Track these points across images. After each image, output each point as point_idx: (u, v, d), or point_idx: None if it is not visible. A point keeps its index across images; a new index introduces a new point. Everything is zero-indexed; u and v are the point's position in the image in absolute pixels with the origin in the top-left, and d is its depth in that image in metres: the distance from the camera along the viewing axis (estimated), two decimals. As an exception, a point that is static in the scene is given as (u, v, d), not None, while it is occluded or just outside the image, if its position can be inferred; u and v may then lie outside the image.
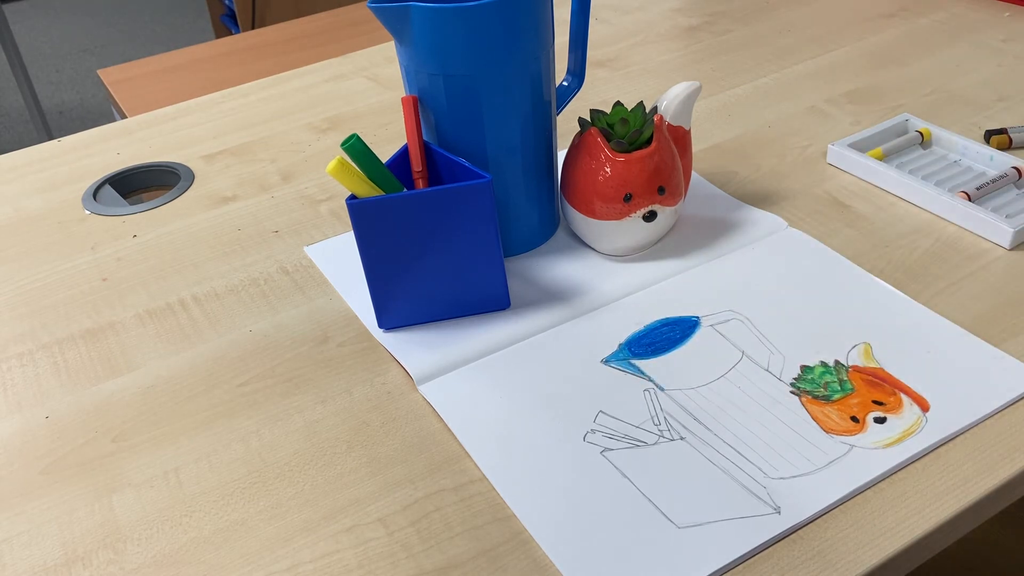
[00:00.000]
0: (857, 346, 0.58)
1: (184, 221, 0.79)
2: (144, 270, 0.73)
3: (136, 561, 0.49)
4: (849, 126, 0.84)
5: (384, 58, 1.09)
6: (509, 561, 0.47)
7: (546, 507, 0.49)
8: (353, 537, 0.49)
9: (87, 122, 2.82)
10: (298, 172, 0.85)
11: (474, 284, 0.62)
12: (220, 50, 1.50)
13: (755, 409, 0.54)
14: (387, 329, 0.63)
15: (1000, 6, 1.06)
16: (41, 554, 0.50)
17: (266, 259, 0.73)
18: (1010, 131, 0.78)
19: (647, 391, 0.56)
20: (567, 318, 0.63)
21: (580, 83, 0.70)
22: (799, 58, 0.98)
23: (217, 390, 0.60)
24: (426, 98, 0.63)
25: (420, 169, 0.62)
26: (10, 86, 3.08)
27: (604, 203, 0.64)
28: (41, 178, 0.89)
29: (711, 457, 0.51)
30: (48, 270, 0.74)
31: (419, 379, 0.58)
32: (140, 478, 0.54)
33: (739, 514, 0.48)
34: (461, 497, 0.51)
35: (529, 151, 0.65)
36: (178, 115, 0.99)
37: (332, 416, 0.57)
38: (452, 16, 0.58)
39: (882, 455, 0.50)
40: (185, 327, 0.66)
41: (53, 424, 0.59)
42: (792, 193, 0.75)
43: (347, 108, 0.97)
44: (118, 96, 1.36)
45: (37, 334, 0.67)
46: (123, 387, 0.61)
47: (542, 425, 0.54)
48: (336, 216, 0.78)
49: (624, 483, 0.50)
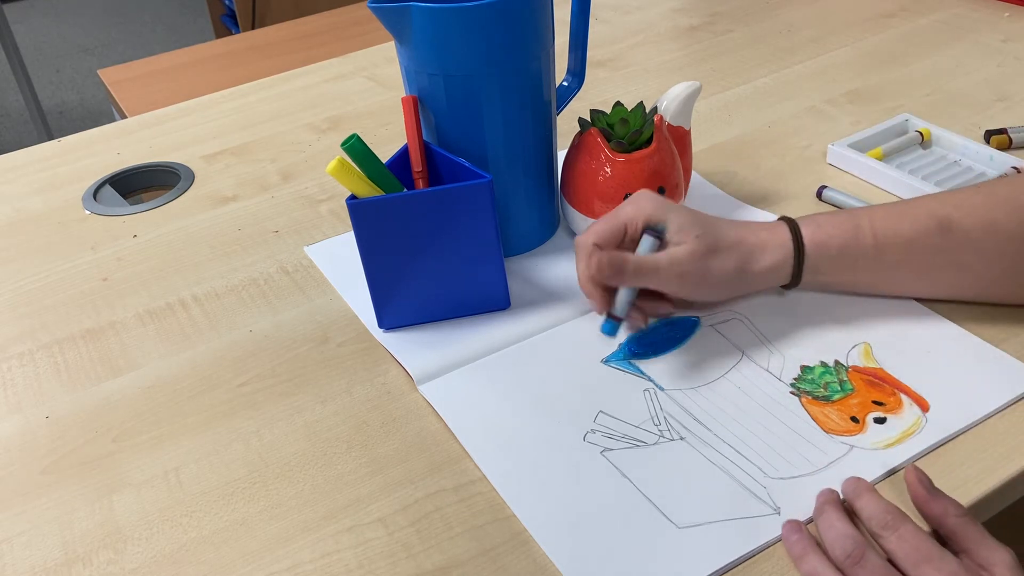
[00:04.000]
0: (857, 346, 0.58)
1: (184, 221, 0.79)
2: (144, 270, 0.73)
3: (136, 561, 0.49)
4: (849, 126, 0.84)
5: (384, 58, 1.09)
6: (509, 561, 0.47)
7: (546, 507, 0.49)
8: (353, 537, 0.49)
9: (87, 122, 2.82)
10: (298, 172, 0.85)
11: (474, 284, 0.62)
12: (220, 50, 1.50)
13: (755, 409, 0.54)
14: (387, 329, 0.63)
15: (1000, 6, 1.06)
16: (41, 554, 0.50)
17: (266, 259, 0.73)
18: (1010, 131, 0.78)
19: (647, 391, 0.56)
20: (567, 318, 0.63)
21: (580, 83, 0.70)
22: (799, 58, 0.98)
23: (217, 390, 0.60)
24: (426, 98, 0.63)
25: (420, 169, 0.62)
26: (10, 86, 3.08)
27: (604, 203, 0.64)
28: (41, 178, 0.89)
29: (711, 457, 0.51)
30: (48, 270, 0.74)
31: (419, 379, 0.58)
32: (140, 478, 0.54)
33: (739, 514, 0.48)
34: (461, 497, 0.51)
35: (529, 151, 0.65)
36: (178, 115, 0.99)
37: (332, 416, 0.57)
38: (452, 16, 0.58)
39: (882, 455, 0.50)
40: (185, 327, 0.66)
41: (53, 424, 0.59)
42: (792, 193, 0.75)
43: (347, 108, 0.97)
44: (118, 96, 1.36)
45: (37, 334, 0.67)
46: (123, 387, 0.61)
47: (542, 425, 0.54)
48: (336, 216, 0.78)
49: (624, 483, 0.50)
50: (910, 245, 0.56)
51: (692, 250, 0.55)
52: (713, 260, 0.56)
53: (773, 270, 0.57)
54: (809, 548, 0.45)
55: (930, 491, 0.46)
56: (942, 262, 0.57)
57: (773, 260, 0.57)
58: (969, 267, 0.57)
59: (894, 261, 0.57)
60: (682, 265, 0.55)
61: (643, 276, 0.55)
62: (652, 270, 0.55)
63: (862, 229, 0.57)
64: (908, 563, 0.43)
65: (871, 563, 0.43)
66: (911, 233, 0.56)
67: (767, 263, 0.57)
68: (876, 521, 0.45)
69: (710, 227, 0.56)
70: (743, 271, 0.57)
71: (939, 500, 0.46)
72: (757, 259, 0.57)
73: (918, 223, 0.56)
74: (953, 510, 0.45)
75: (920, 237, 0.56)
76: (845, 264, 0.58)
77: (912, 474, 0.47)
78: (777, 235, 0.57)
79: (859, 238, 0.56)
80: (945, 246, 0.56)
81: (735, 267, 0.56)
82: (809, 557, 0.44)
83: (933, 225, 0.56)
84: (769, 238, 0.57)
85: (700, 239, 0.55)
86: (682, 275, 0.55)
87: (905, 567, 0.43)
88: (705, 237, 0.56)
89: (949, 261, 0.56)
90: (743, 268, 0.57)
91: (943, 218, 0.56)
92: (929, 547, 0.43)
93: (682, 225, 0.56)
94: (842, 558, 0.43)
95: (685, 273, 0.55)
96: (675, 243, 0.56)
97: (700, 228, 0.56)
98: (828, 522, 0.45)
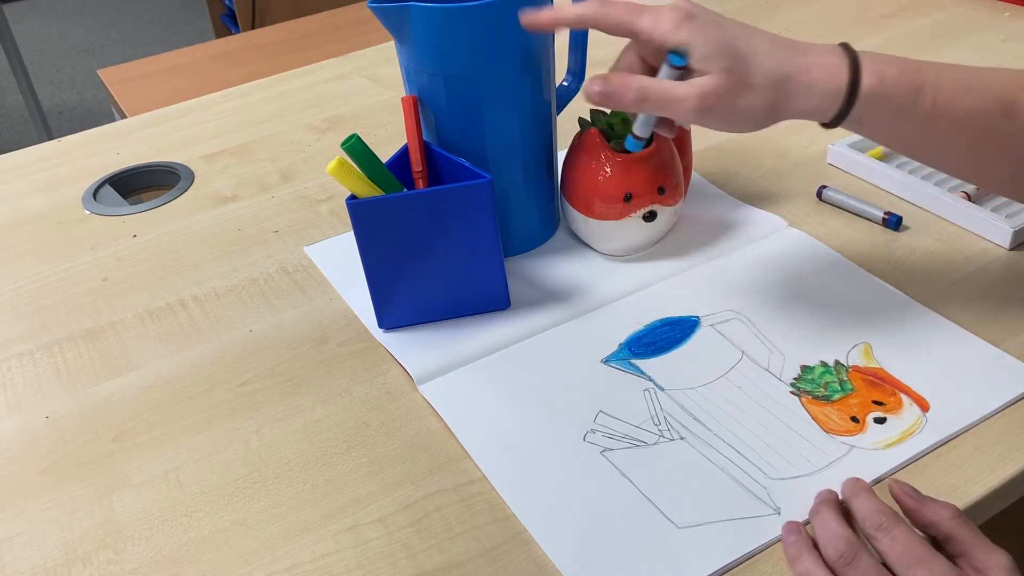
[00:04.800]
0: (857, 346, 0.58)
1: (184, 221, 0.79)
2: (144, 270, 0.73)
3: (136, 561, 0.49)
4: (849, 126, 0.84)
5: (384, 58, 1.09)
6: (509, 561, 0.47)
7: (546, 507, 0.49)
8: (353, 537, 0.49)
9: (87, 122, 2.82)
10: (298, 172, 0.85)
11: (474, 284, 0.62)
12: (220, 50, 1.50)
13: (755, 409, 0.54)
14: (387, 329, 0.63)
15: (1000, 6, 1.06)
16: (41, 554, 0.50)
17: (266, 259, 0.73)
18: (1010, 131, 0.77)
19: (647, 391, 0.56)
20: (567, 318, 0.63)
21: (580, 83, 0.70)
22: (799, 58, 0.98)
23: (217, 390, 0.60)
24: (426, 98, 0.63)
25: (420, 169, 0.62)
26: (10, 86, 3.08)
27: (604, 203, 0.64)
28: (41, 178, 0.89)
29: (711, 457, 0.51)
30: (48, 270, 0.74)
31: (419, 379, 0.58)
32: (140, 478, 0.54)
33: (739, 514, 0.48)
34: (461, 497, 0.51)
35: (529, 151, 0.65)
36: (178, 115, 0.99)
37: (332, 416, 0.57)
38: (452, 16, 0.58)
39: (882, 455, 0.50)
40: (185, 327, 0.66)
41: (53, 424, 0.59)
42: (792, 193, 0.75)
43: (347, 108, 0.97)
44: (118, 96, 1.36)
45: (37, 334, 0.67)
46: (123, 387, 0.61)
47: (542, 425, 0.54)
48: (336, 216, 0.78)
49: (624, 483, 0.50)
50: (967, 123, 0.51)
51: (716, 85, 0.48)
52: (741, 99, 0.49)
53: (814, 112, 0.51)
54: (804, 549, 0.45)
55: (918, 500, 0.46)
56: (996, 148, 0.52)
57: (817, 104, 0.50)
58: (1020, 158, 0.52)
59: (946, 135, 0.51)
60: (703, 99, 0.48)
61: (655, 106, 0.49)
62: (664, 102, 0.49)
63: (924, 93, 0.50)
64: (900, 565, 0.43)
65: (863, 564, 0.43)
66: (972, 109, 0.50)
67: (809, 106, 0.50)
68: (870, 522, 0.45)
69: (742, 57, 0.49)
70: (777, 108, 0.50)
71: (930, 507, 0.45)
72: (797, 100, 0.50)
73: (984, 101, 0.50)
74: (946, 514, 0.44)
75: (980, 117, 0.50)
76: (896, 124, 0.52)
77: (896, 487, 0.47)
78: (830, 74, 0.49)
79: (919, 102, 0.50)
80: (1004, 132, 0.51)
81: (767, 105, 0.50)
82: (803, 558, 0.44)
83: (997, 108, 0.50)
84: (820, 77, 0.49)
85: (728, 72, 0.48)
86: (702, 111, 0.49)
87: (897, 569, 0.43)
88: (734, 70, 0.48)
89: (1004, 148, 0.52)
90: (777, 106, 0.50)
91: (1008, 103, 0.50)
92: (921, 549, 0.43)
93: (708, 54, 0.48)
94: (834, 558, 0.43)
95: (706, 108, 0.49)
96: (699, 72, 0.49)
97: (729, 58, 0.48)
98: (823, 522, 0.45)
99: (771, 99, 0.49)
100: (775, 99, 0.49)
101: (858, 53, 0.50)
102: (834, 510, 0.46)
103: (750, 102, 0.49)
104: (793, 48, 0.50)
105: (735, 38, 0.49)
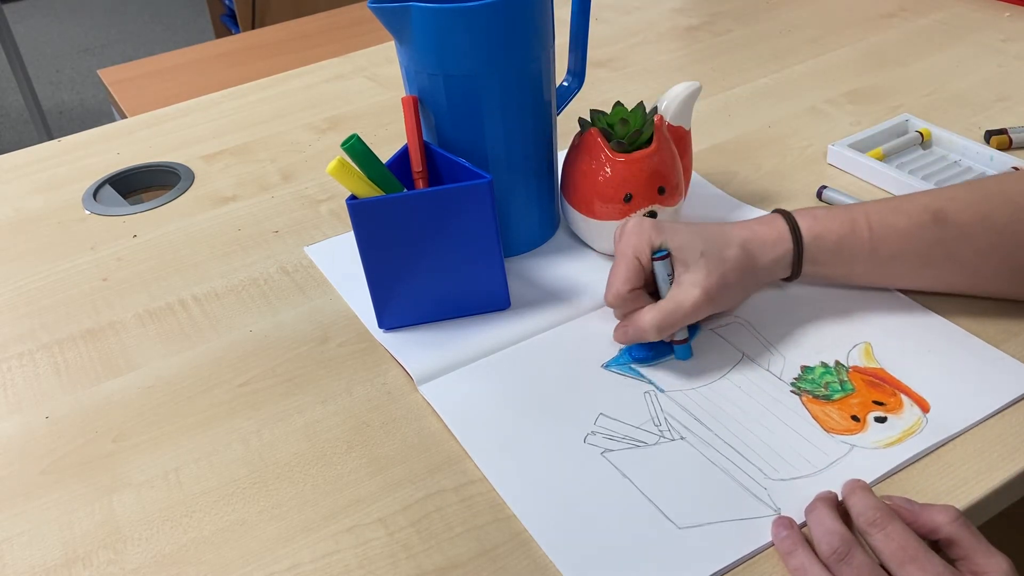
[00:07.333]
0: (857, 346, 0.58)
1: (184, 221, 0.79)
2: (144, 270, 0.73)
3: (136, 561, 0.49)
4: (849, 126, 0.84)
5: (384, 58, 1.09)
6: (509, 561, 0.47)
7: (546, 507, 0.49)
8: (353, 537, 0.49)
9: (87, 122, 2.82)
10: (298, 172, 0.85)
11: (474, 284, 0.62)
12: (220, 50, 1.50)
13: (756, 409, 0.54)
14: (387, 329, 0.63)
15: (1000, 6, 1.06)
16: (41, 554, 0.50)
17: (266, 259, 0.73)
18: (1010, 131, 0.78)
19: (647, 393, 0.56)
20: (567, 318, 0.63)
21: (580, 83, 0.70)
22: (799, 58, 0.98)
23: (217, 390, 0.60)
24: (426, 98, 0.63)
25: (420, 169, 0.62)
26: (10, 86, 3.08)
27: (604, 203, 0.64)
28: (41, 178, 0.89)
29: (711, 457, 0.51)
30: (48, 270, 0.74)
31: (419, 379, 0.58)
32: (140, 478, 0.54)
33: (739, 515, 0.48)
34: (461, 497, 0.51)
35: (529, 151, 0.65)
36: (178, 115, 0.99)
37: (332, 416, 0.57)
38: (452, 16, 0.58)
39: (882, 455, 0.50)
40: (185, 327, 0.66)
41: (53, 424, 0.59)
42: (792, 193, 0.75)
43: (347, 108, 0.97)
44: (118, 96, 1.36)
45: (37, 334, 0.67)
46: (123, 387, 0.61)
47: (542, 425, 0.54)
48: (336, 216, 0.78)
49: (624, 483, 0.50)
50: (905, 238, 0.57)
51: (706, 270, 0.55)
52: (727, 268, 0.56)
53: (776, 263, 0.58)
54: (798, 544, 0.45)
55: (915, 509, 0.45)
56: (937, 255, 0.57)
57: (775, 254, 0.58)
58: (963, 260, 0.57)
59: (890, 254, 0.57)
60: (707, 290, 0.55)
61: (676, 325, 0.55)
62: (681, 316, 0.55)
63: (858, 222, 0.57)
64: (894, 562, 0.43)
65: (857, 561, 0.43)
66: (906, 226, 0.57)
67: (770, 257, 0.58)
68: (864, 519, 0.45)
69: (711, 240, 0.57)
70: (750, 270, 0.57)
71: (928, 513, 0.45)
72: (760, 254, 0.57)
73: (913, 216, 0.57)
74: (945, 518, 0.44)
75: (915, 230, 0.56)
76: (843, 256, 0.58)
77: (890, 502, 0.46)
78: (775, 228, 0.58)
79: (856, 231, 0.57)
80: (940, 239, 0.56)
81: (744, 268, 0.57)
82: (797, 552, 0.44)
83: (928, 218, 0.56)
84: (768, 232, 0.58)
85: (707, 258, 0.56)
86: (709, 300, 0.55)
87: (891, 566, 0.43)
88: (710, 254, 0.56)
89: (944, 254, 0.57)
90: (749, 267, 0.57)
91: (937, 211, 0.56)
92: (916, 546, 0.43)
93: (682, 245, 0.56)
94: (828, 554, 0.43)
95: (712, 299, 0.56)
96: (682, 263, 0.56)
97: (702, 244, 0.56)
98: (818, 518, 0.45)
99: (743, 261, 0.57)
100: (746, 261, 0.57)
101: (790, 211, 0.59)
102: (829, 507, 0.46)
103: (732, 269, 0.56)
104: (740, 223, 0.59)
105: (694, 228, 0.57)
